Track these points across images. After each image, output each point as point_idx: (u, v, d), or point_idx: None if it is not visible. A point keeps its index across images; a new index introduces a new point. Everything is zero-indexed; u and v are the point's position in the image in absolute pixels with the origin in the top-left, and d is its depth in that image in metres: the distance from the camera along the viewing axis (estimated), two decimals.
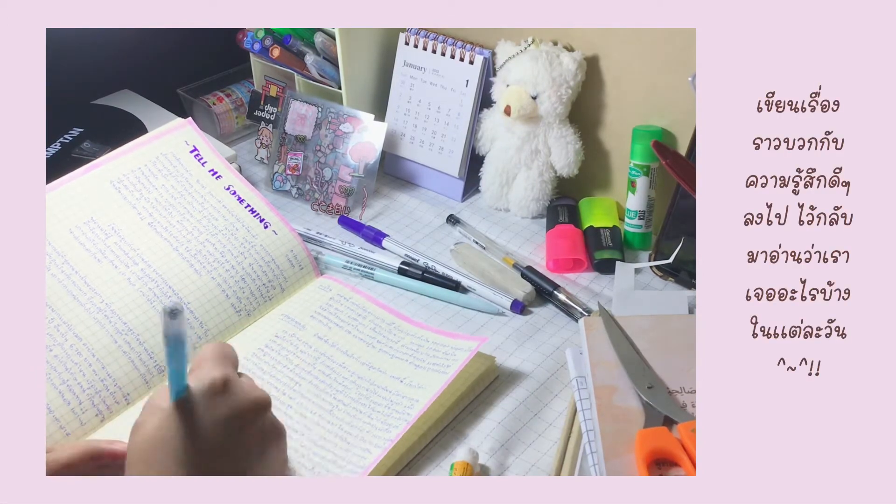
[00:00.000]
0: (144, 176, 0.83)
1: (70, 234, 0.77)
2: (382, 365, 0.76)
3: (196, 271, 0.79)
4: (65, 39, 0.99)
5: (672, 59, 0.86)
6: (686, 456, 0.62)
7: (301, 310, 0.82)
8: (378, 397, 0.72)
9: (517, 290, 0.86)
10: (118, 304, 0.74)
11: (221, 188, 0.85)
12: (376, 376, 0.74)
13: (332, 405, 0.72)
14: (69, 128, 0.93)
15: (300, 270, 0.84)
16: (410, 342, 0.78)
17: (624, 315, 0.77)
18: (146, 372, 0.72)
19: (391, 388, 0.73)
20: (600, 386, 0.70)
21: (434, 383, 0.72)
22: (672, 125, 0.90)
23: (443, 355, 0.76)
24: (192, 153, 0.86)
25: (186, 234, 0.81)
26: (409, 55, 1.01)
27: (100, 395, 0.69)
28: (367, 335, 0.79)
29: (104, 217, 0.79)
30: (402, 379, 0.74)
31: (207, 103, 1.10)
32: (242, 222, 0.84)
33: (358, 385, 0.74)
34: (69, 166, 0.87)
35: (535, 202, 0.98)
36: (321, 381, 0.74)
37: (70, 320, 0.72)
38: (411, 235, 0.97)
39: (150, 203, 0.81)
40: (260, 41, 1.01)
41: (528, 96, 0.92)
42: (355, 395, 0.73)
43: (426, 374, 0.74)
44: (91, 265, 0.75)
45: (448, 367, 0.74)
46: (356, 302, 0.83)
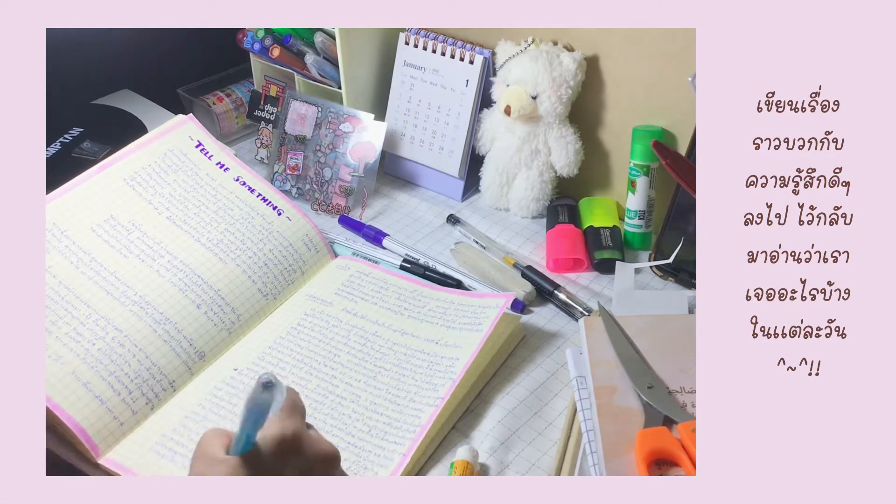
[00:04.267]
0: (156, 172, 0.84)
1: (93, 233, 0.78)
2: (415, 330, 0.78)
3: (221, 259, 0.81)
4: (65, 39, 0.99)
5: (672, 59, 0.86)
6: (686, 456, 0.62)
7: (325, 289, 0.84)
8: (418, 360, 0.75)
9: (517, 289, 0.86)
10: (151, 295, 0.75)
11: (231, 179, 0.87)
12: (411, 341, 0.77)
13: (375, 371, 0.74)
14: (69, 128, 0.93)
15: (316, 254, 0.86)
16: (436, 306, 0.81)
17: (624, 315, 0.77)
18: (188, 359, 0.74)
19: (428, 351, 0.76)
20: (600, 386, 0.70)
21: (470, 341, 0.75)
22: (672, 125, 0.90)
23: (472, 314, 0.79)
24: (197, 147, 0.88)
25: (205, 225, 0.82)
26: (409, 55, 1.01)
27: (147, 383, 0.71)
28: (393, 304, 0.82)
29: (123, 214, 0.80)
30: (437, 341, 0.77)
31: (207, 103, 1.10)
32: (257, 210, 0.86)
33: (395, 351, 0.76)
34: (69, 166, 0.88)
35: (535, 202, 0.98)
36: (359, 350, 0.77)
37: (108, 314, 0.73)
38: (411, 235, 0.97)
39: (166, 198, 0.83)
40: (260, 41, 1.01)
41: (528, 96, 0.92)
42: (394, 360, 0.75)
43: (459, 333, 0.77)
44: (119, 261, 0.77)
45: (480, 325, 0.77)
46: (376, 276, 0.86)
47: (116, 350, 0.71)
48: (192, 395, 0.73)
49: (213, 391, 0.73)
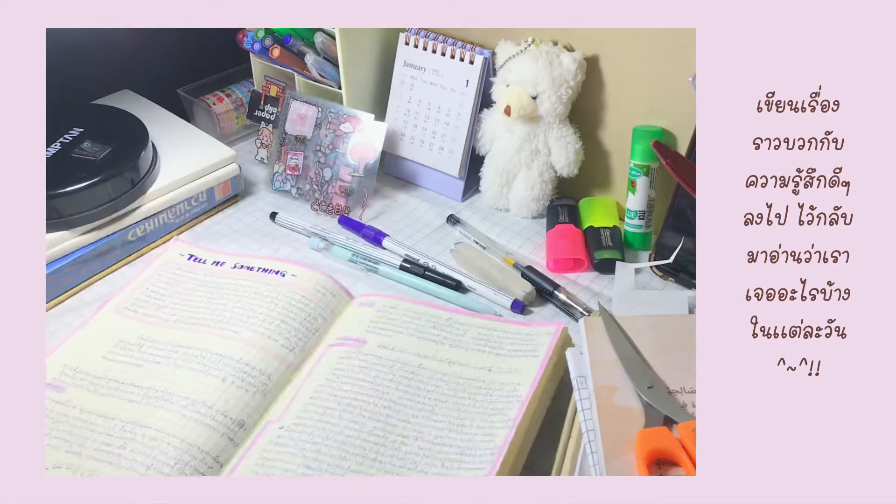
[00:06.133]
0: (154, 293, 0.84)
1: (105, 360, 0.76)
2: (462, 359, 0.76)
3: (235, 333, 0.78)
4: (65, 39, 0.99)
5: (672, 59, 0.86)
6: (686, 456, 0.62)
7: (354, 329, 0.80)
8: (474, 388, 0.73)
9: (517, 289, 0.86)
10: (173, 387, 0.73)
11: (229, 269, 0.87)
12: (461, 370, 0.75)
13: (432, 405, 0.72)
14: (69, 128, 0.93)
15: (333, 298, 0.84)
16: (478, 333, 0.79)
17: (624, 315, 0.77)
18: (226, 431, 0.70)
19: (482, 378, 0.74)
20: (600, 386, 0.70)
21: (527, 367, 0.74)
22: (672, 125, 0.90)
23: (520, 341, 0.77)
24: (189, 259, 0.90)
25: (213, 313, 0.81)
26: (409, 55, 1.01)
27: (189, 465, 0.67)
28: (431, 334, 0.79)
29: (131, 335, 0.79)
30: (490, 368, 0.75)
31: (207, 103, 1.10)
32: (261, 282, 0.85)
33: (447, 382, 0.74)
34: (69, 166, 0.88)
35: (536, 202, 0.98)
36: (408, 385, 0.73)
37: (131, 418, 0.70)
38: (411, 235, 0.97)
39: (169, 308, 0.82)
40: (260, 41, 1.01)
41: (528, 96, 0.92)
42: (449, 391, 0.73)
43: (512, 360, 0.75)
44: (135, 371, 0.75)
45: (534, 351, 0.75)
46: (405, 307, 0.82)
47: (148, 444, 0.68)
48: (243, 464, 0.69)
49: (262, 454, 0.69)
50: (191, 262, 0.89)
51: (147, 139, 0.94)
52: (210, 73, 1.16)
